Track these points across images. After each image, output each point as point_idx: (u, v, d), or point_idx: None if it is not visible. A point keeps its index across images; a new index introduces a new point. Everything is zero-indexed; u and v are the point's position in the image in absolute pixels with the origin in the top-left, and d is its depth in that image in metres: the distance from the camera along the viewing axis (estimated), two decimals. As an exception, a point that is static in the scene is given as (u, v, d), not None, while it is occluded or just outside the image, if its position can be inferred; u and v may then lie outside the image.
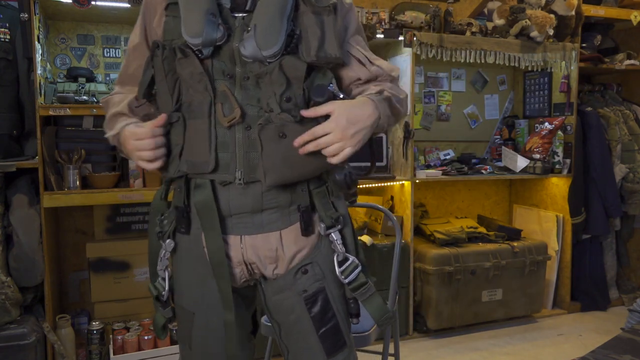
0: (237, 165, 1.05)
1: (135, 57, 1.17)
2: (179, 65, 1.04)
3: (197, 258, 1.13)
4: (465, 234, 3.10)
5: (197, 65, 1.02)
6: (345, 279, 1.11)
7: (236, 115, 1.02)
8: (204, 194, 1.07)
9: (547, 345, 2.92)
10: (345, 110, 1.00)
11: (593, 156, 3.35)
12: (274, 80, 1.02)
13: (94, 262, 2.49)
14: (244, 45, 1.00)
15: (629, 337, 1.17)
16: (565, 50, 3.19)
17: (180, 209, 1.11)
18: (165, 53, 1.04)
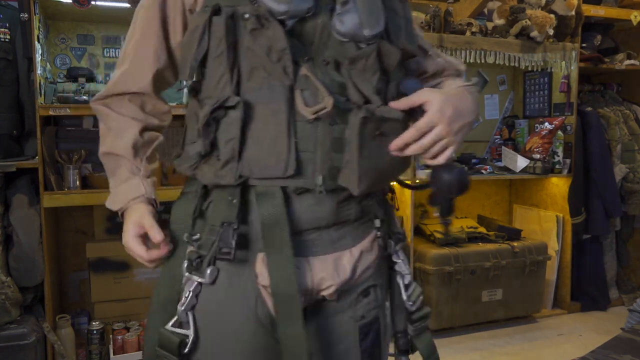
0: (319, 168, 0.84)
1: (146, 35, 0.93)
2: (251, 37, 0.80)
3: (241, 294, 0.87)
4: (465, 234, 3.10)
5: (280, 38, 0.79)
6: (413, 306, 0.97)
7: (327, 105, 0.80)
8: (274, 205, 0.83)
9: (547, 345, 2.92)
10: (448, 100, 0.82)
11: (593, 156, 3.35)
12: (368, 67, 0.83)
13: (94, 262, 2.49)
14: (342, 21, 0.81)
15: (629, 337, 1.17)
16: (565, 50, 3.19)
17: (231, 226, 0.84)
18: (229, 20, 0.80)
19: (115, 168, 0.96)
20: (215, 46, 0.81)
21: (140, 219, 0.91)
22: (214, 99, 0.82)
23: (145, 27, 0.92)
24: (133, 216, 0.91)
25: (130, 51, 0.94)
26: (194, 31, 0.83)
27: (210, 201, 0.89)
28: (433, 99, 0.82)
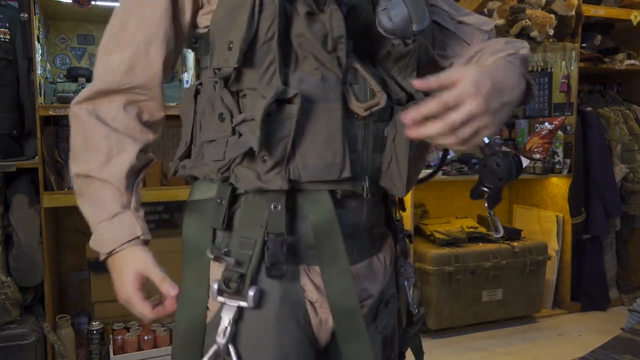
0: (365, 170, 0.77)
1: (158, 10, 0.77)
2: (305, 21, 0.70)
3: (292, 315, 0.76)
4: (465, 234, 3.10)
5: (339, 24, 0.69)
6: (415, 309, 0.94)
7: (380, 101, 0.72)
8: (325, 212, 0.74)
9: (547, 345, 2.92)
10: (485, 73, 0.68)
11: (593, 156, 3.35)
12: (410, 64, 0.77)
13: (94, 262, 2.49)
14: (389, 16, 0.72)
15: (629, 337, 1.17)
16: (565, 50, 3.19)
17: (279, 239, 0.73)
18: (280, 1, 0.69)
19: (98, 197, 0.77)
20: (265, 29, 0.69)
21: (144, 269, 0.76)
22: (259, 90, 0.70)
23: (150, 1, 0.78)
24: (132, 264, 0.76)
25: (131, 32, 0.77)
26: (236, 8, 0.70)
27: (236, 208, 0.77)
28: (467, 74, 0.66)
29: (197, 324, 0.77)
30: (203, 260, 0.77)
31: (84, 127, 0.78)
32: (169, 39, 0.78)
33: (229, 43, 0.71)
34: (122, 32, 0.79)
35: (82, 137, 0.78)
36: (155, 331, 2.39)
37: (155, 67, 0.78)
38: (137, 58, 0.77)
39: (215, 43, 0.74)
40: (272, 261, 0.72)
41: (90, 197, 0.78)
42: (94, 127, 0.78)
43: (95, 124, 0.78)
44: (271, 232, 0.73)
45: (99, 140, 0.77)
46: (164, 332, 2.38)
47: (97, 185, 0.77)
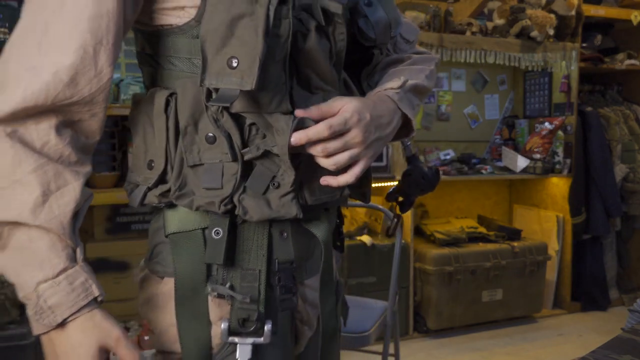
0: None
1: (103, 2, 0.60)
2: (315, 37, 0.65)
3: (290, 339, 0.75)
4: (465, 234, 3.10)
5: (343, 38, 0.68)
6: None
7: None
8: (326, 232, 0.73)
9: (547, 345, 2.92)
10: (366, 105, 0.67)
11: (593, 156, 3.35)
12: (375, 71, 0.78)
13: (93, 262, 2.49)
14: (370, 24, 0.71)
15: (629, 337, 1.17)
16: (565, 50, 3.19)
17: (288, 267, 0.70)
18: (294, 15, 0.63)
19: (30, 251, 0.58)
20: (279, 47, 0.62)
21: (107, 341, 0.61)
22: (271, 116, 0.64)
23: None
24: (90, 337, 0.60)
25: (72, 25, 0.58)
26: (238, 18, 0.60)
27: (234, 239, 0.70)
28: (349, 104, 0.65)
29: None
30: (201, 298, 0.69)
31: (3, 156, 0.57)
32: (120, 38, 0.62)
33: (229, 59, 0.60)
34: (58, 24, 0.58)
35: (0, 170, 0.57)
36: (155, 331, 2.39)
37: (105, 77, 0.61)
38: (83, 64, 0.59)
39: (207, 58, 0.61)
40: (284, 293, 0.69)
41: (16, 251, 0.58)
42: (19, 157, 0.57)
43: (20, 152, 0.57)
44: (281, 260, 0.70)
45: (27, 174, 0.57)
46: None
47: (29, 235, 0.58)
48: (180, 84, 0.66)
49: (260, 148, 0.65)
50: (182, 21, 0.65)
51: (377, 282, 2.81)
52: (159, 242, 0.73)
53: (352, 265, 2.79)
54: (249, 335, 0.67)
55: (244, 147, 0.66)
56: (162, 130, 0.67)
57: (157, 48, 0.68)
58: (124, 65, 2.76)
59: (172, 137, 0.67)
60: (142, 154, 0.69)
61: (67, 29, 0.58)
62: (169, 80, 0.68)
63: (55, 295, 0.58)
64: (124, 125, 2.54)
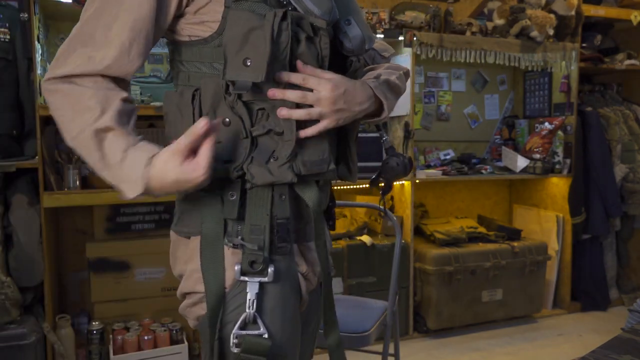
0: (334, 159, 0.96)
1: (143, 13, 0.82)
2: (305, 45, 0.86)
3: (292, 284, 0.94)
4: (465, 234, 3.10)
5: (323, 48, 0.88)
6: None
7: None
8: (317, 198, 0.92)
9: (547, 345, 2.92)
10: (344, 82, 0.89)
11: (593, 156, 3.35)
12: (358, 77, 0.98)
13: (94, 262, 2.49)
14: (349, 38, 0.91)
15: (629, 337, 1.17)
16: (565, 50, 3.19)
17: (284, 222, 0.89)
18: (295, 27, 0.84)
19: (101, 148, 0.80)
20: (281, 51, 0.83)
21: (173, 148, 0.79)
22: (277, 103, 0.85)
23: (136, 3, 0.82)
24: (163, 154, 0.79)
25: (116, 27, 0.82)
26: (252, 30, 0.81)
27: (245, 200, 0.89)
28: (334, 75, 0.88)
29: (220, 298, 0.88)
30: (220, 247, 0.89)
31: (68, 96, 0.81)
32: (150, 39, 0.85)
33: (244, 60, 0.82)
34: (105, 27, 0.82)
35: (70, 105, 0.81)
36: (155, 331, 2.39)
37: (135, 65, 0.84)
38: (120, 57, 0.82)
39: (228, 58, 0.82)
40: (281, 241, 0.89)
41: (94, 151, 0.80)
42: (80, 92, 0.81)
43: (79, 90, 0.81)
44: (279, 217, 0.89)
45: (88, 100, 0.80)
46: (164, 332, 2.38)
47: (96, 138, 0.80)
48: (204, 82, 0.87)
49: (265, 127, 0.86)
50: (207, 34, 0.86)
51: (377, 282, 2.81)
52: (184, 209, 0.95)
53: (352, 265, 2.79)
54: (256, 275, 0.87)
55: (252, 127, 0.86)
56: (189, 117, 0.87)
57: (186, 55, 0.90)
58: (124, 65, 2.76)
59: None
60: (173, 138, 0.84)
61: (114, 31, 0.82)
62: (195, 80, 0.88)
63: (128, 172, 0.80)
64: (124, 125, 2.54)
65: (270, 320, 0.89)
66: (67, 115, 0.81)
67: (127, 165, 0.79)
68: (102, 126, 0.79)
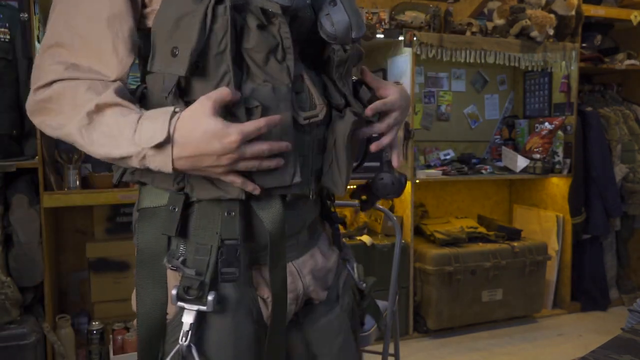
0: (311, 171, 0.82)
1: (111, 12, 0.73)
2: (256, 33, 0.72)
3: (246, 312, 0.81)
4: (465, 234, 3.10)
5: (284, 37, 0.73)
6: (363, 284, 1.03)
7: (319, 113, 0.79)
8: (277, 216, 0.77)
9: (547, 345, 2.92)
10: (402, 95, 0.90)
11: (593, 156, 3.35)
12: (347, 70, 0.83)
13: (94, 262, 2.49)
14: (332, 22, 0.77)
15: (629, 337, 1.17)
16: (565, 50, 3.19)
17: (232, 244, 0.75)
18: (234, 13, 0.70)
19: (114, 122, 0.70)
20: (218, 41, 0.70)
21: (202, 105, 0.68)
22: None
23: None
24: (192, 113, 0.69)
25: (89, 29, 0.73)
26: (184, 15, 0.70)
27: (190, 216, 0.77)
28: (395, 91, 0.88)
29: (158, 325, 0.77)
30: (159, 267, 0.76)
31: (63, 94, 0.73)
32: (133, 32, 0.76)
33: (173, 49, 0.71)
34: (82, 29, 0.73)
35: (69, 100, 0.72)
36: (155, 331, 2.39)
37: (127, 64, 0.76)
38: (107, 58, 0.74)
39: (156, 46, 0.73)
40: (226, 266, 0.75)
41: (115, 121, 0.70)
42: (74, 87, 0.72)
43: (73, 85, 0.73)
44: (225, 238, 0.75)
45: (80, 87, 0.72)
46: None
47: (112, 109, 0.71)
48: (150, 77, 0.76)
49: None
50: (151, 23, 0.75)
51: (377, 282, 2.81)
52: (135, 218, 0.83)
53: (352, 265, 2.79)
54: (194, 303, 0.75)
55: None
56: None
57: (144, 49, 0.79)
58: (124, 65, 2.76)
59: None
60: None
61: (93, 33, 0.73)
62: (146, 76, 0.79)
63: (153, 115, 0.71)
64: (124, 125, 2.54)
65: (216, 355, 0.77)
66: (65, 112, 0.73)
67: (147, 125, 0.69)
68: (101, 101, 0.70)
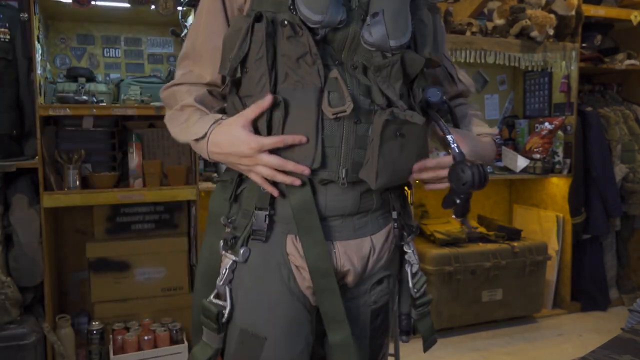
0: (342, 162, 0.93)
1: (213, 31, 0.99)
2: (288, 43, 0.89)
3: (274, 270, 0.97)
4: (465, 234, 3.10)
5: (311, 45, 0.88)
6: (417, 293, 1.07)
7: (347, 108, 0.89)
8: (303, 194, 0.93)
9: (547, 345, 2.92)
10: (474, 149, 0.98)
11: (593, 156, 3.35)
12: (393, 74, 0.92)
13: (94, 262, 2.49)
14: (370, 32, 0.90)
15: (629, 337, 1.17)
16: (565, 50, 3.19)
17: (263, 212, 0.96)
18: (269, 26, 0.89)
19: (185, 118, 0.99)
20: (257, 49, 0.89)
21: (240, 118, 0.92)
22: (255, 97, 0.92)
23: (213, 20, 0.99)
24: (228, 123, 0.94)
25: (201, 44, 1.01)
26: (237, 32, 0.91)
27: (243, 188, 1.00)
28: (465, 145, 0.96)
29: (213, 267, 1.00)
30: (219, 224, 1.00)
31: (173, 93, 1.04)
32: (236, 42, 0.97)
33: (225, 58, 0.93)
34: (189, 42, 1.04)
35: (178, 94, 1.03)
36: (155, 331, 2.39)
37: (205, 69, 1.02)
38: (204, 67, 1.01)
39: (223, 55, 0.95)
40: (256, 228, 0.96)
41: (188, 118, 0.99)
42: (179, 90, 1.03)
43: (180, 87, 1.03)
44: (258, 207, 0.96)
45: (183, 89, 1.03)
46: (164, 332, 2.38)
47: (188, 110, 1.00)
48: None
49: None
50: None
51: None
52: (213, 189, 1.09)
53: (352, 265, 2.79)
54: (231, 253, 0.97)
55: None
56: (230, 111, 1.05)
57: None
58: (123, 65, 2.76)
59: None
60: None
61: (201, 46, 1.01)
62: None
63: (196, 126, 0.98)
64: (124, 125, 2.54)
65: (238, 297, 0.98)
66: (173, 112, 1.02)
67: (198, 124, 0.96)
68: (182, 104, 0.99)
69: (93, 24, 2.69)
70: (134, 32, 2.74)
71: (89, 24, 2.69)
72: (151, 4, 2.36)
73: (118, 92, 2.55)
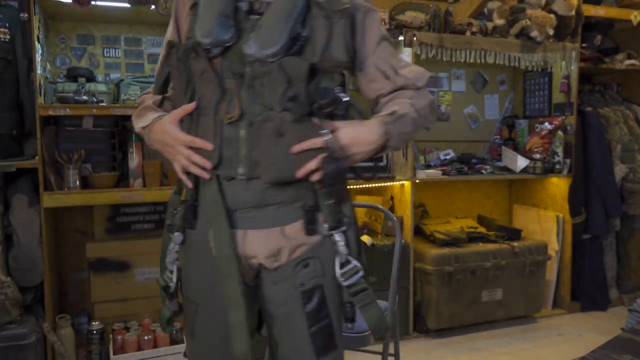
0: (240, 161, 1.07)
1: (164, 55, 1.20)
2: (193, 63, 1.08)
3: (204, 252, 1.15)
4: (465, 234, 3.10)
5: (206, 64, 1.07)
6: (345, 282, 1.10)
7: (234, 114, 1.06)
8: (211, 189, 1.10)
9: (547, 345, 2.92)
10: (349, 131, 1.05)
11: (593, 156, 3.35)
12: (276, 80, 1.04)
13: (94, 262, 2.49)
14: (249, 45, 1.04)
15: (629, 337, 1.17)
16: (565, 50, 3.19)
17: (188, 203, 1.16)
18: (179, 52, 1.10)
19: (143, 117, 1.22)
20: (173, 72, 1.13)
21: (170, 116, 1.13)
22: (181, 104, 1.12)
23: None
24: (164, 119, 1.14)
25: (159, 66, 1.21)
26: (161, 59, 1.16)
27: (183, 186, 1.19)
28: (337, 128, 1.04)
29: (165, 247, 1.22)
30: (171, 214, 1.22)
31: (143, 99, 1.29)
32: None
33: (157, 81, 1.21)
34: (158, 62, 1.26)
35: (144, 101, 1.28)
36: (155, 331, 2.39)
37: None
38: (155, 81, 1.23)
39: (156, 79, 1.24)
40: (185, 217, 1.17)
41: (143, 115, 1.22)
42: (145, 97, 1.29)
43: (146, 96, 1.30)
44: (186, 199, 1.16)
45: (146, 97, 1.28)
46: (164, 332, 2.38)
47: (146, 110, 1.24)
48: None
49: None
50: None
51: (377, 282, 2.81)
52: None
53: (352, 265, 2.79)
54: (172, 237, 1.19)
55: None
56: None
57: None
58: (124, 65, 2.76)
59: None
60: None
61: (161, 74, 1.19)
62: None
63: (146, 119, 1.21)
64: (124, 125, 2.54)
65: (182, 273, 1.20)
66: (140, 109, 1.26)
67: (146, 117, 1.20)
68: (144, 106, 1.24)
69: (93, 24, 2.69)
70: (134, 32, 2.74)
71: (89, 24, 2.69)
72: (151, 4, 2.36)
73: (118, 92, 2.55)
